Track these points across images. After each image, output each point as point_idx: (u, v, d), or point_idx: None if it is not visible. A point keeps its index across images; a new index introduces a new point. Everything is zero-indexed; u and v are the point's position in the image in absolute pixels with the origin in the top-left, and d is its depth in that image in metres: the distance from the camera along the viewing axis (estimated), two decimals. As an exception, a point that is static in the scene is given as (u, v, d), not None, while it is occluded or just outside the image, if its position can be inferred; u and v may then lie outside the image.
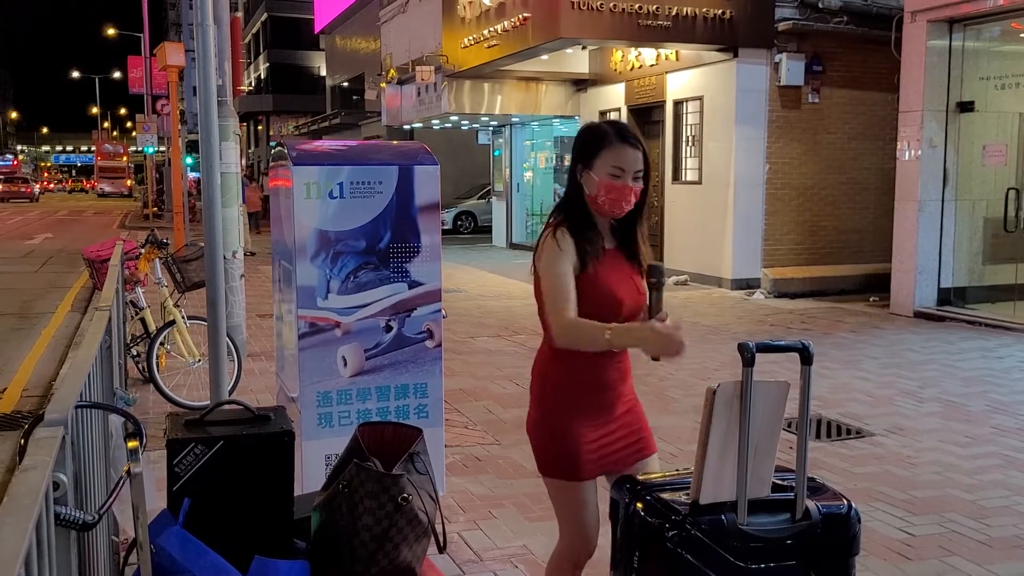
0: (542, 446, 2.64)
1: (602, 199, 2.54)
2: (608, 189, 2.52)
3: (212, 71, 4.39)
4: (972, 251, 10.73)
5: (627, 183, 2.52)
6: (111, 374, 3.82)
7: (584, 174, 2.58)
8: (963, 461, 5.18)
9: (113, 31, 43.07)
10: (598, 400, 2.61)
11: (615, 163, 2.51)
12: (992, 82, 10.49)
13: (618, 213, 2.58)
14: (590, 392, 2.60)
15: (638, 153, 2.54)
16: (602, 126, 2.60)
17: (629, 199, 2.55)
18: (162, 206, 31.26)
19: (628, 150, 2.52)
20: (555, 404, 2.61)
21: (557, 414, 2.60)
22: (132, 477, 2.03)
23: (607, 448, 2.62)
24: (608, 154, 2.52)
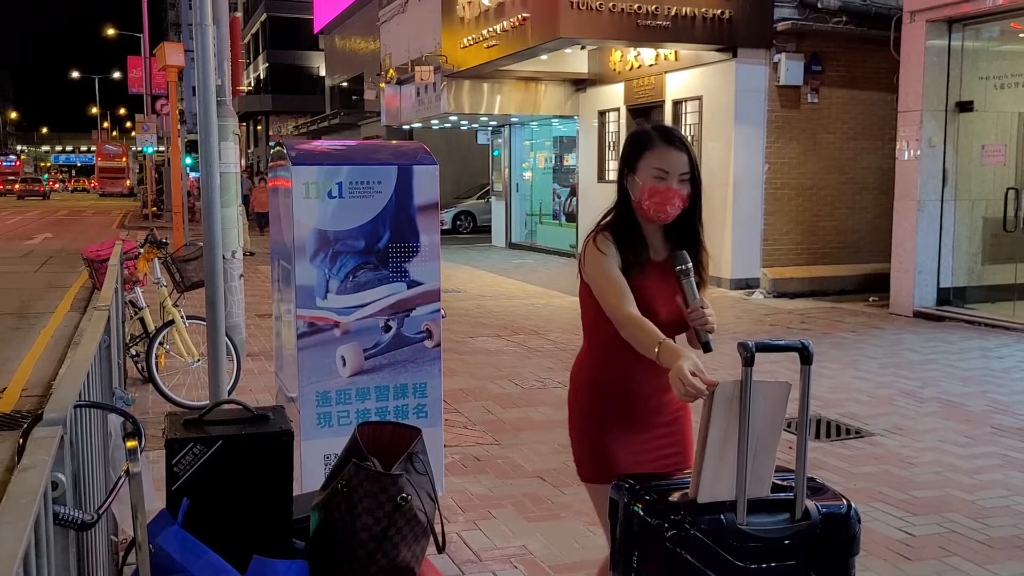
0: (578, 450, 2.64)
1: (646, 203, 2.48)
2: (652, 193, 2.47)
3: (211, 71, 4.39)
4: (971, 251, 10.73)
5: (671, 185, 2.46)
6: (110, 374, 3.82)
7: (629, 179, 2.53)
8: (963, 461, 5.18)
9: (113, 31, 43.06)
10: (633, 409, 2.58)
11: (658, 165, 2.46)
12: (991, 82, 10.49)
13: (664, 218, 2.51)
14: (624, 400, 2.58)
15: (683, 155, 2.48)
16: (646, 129, 2.56)
17: (674, 202, 2.49)
18: (161, 206, 31.26)
19: (672, 152, 2.47)
20: (590, 409, 2.61)
21: (591, 419, 2.60)
22: (131, 477, 2.03)
23: (645, 455, 2.58)
24: (651, 156, 2.47)
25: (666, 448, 2.64)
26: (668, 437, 2.64)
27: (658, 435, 2.63)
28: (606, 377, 2.58)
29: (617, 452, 2.56)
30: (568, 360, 8.42)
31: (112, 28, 43.21)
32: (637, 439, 2.59)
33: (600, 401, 2.59)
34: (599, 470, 2.57)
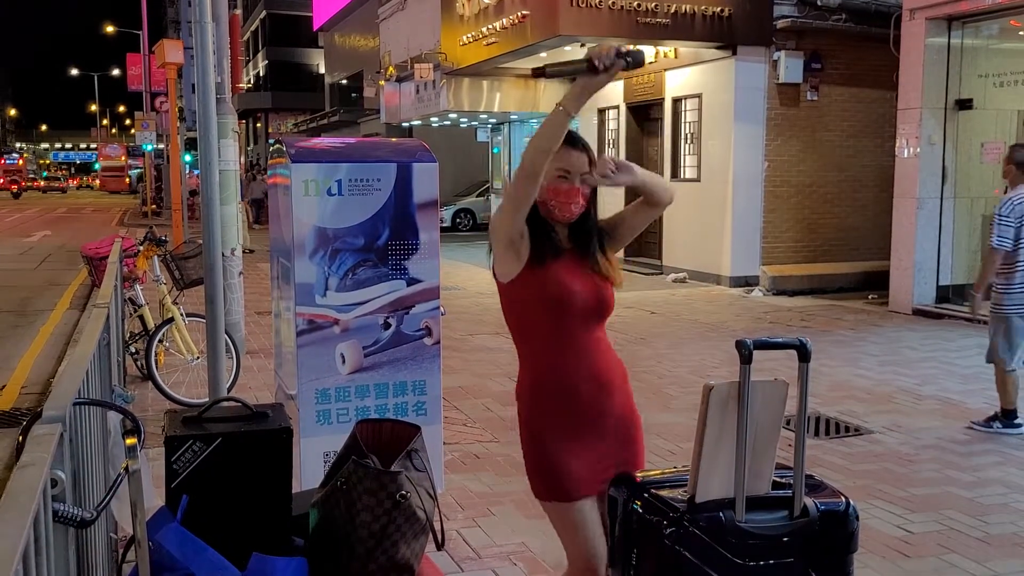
0: (531, 470, 2.58)
1: (552, 203, 2.51)
2: (555, 192, 2.50)
3: (211, 68, 4.39)
4: (971, 248, 10.73)
5: (574, 184, 2.51)
6: (110, 371, 3.82)
7: None
8: (961, 459, 5.18)
9: (112, 28, 43.01)
10: (579, 419, 2.53)
11: (560, 165, 2.49)
12: (990, 79, 10.48)
13: (568, 216, 2.54)
14: (568, 413, 2.52)
15: (583, 155, 2.53)
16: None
17: (578, 200, 2.53)
18: (161, 203, 31.24)
19: (573, 152, 2.51)
20: (537, 428, 2.54)
21: (539, 437, 2.54)
22: (130, 474, 2.03)
23: (599, 465, 2.53)
24: (554, 158, 2.47)
25: (622, 454, 2.57)
26: (620, 442, 2.58)
27: (613, 440, 2.56)
28: (543, 382, 2.54)
29: (568, 465, 2.49)
30: (567, 358, 8.35)
31: (111, 25, 43.16)
32: (594, 449, 2.53)
33: (542, 407, 2.54)
34: (554, 487, 2.51)
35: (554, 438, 2.50)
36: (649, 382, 6.95)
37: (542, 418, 2.53)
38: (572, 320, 2.50)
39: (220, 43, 7.45)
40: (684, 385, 6.86)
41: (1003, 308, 5.71)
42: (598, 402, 2.54)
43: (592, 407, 2.53)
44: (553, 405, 2.52)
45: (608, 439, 2.55)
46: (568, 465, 2.48)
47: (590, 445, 2.52)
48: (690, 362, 7.73)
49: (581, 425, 2.52)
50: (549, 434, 2.51)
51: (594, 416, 2.53)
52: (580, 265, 2.57)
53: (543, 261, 2.49)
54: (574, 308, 2.50)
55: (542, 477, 2.53)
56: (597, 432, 2.53)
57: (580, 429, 2.52)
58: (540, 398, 2.54)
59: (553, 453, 2.49)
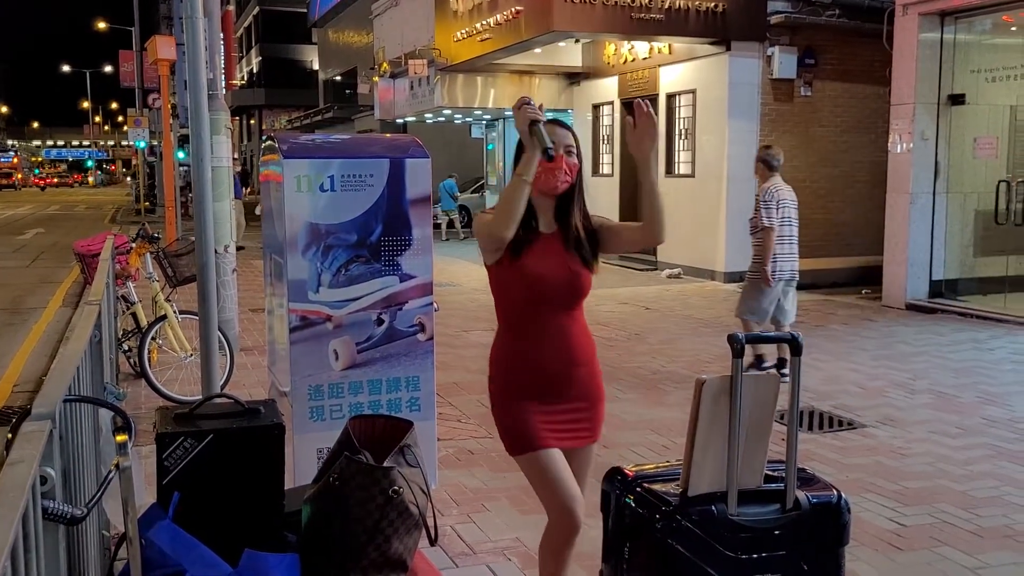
0: (502, 427, 2.77)
1: (539, 172, 2.64)
2: (542, 163, 2.62)
3: (202, 64, 4.37)
4: (963, 243, 10.76)
5: (559, 153, 2.65)
6: (101, 369, 3.81)
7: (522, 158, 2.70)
8: (954, 452, 5.20)
9: (104, 25, 42.85)
10: (541, 382, 2.71)
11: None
12: (983, 75, 10.51)
13: (553, 186, 2.68)
14: (532, 378, 2.71)
15: (566, 131, 2.72)
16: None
17: (563, 169, 2.67)
18: (154, 200, 31.16)
19: (557, 127, 2.69)
20: (503, 384, 2.76)
21: (505, 393, 2.75)
22: (121, 471, 2.03)
23: (558, 425, 2.71)
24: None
25: (580, 422, 2.76)
26: (579, 411, 2.76)
27: (573, 407, 2.74)
28: (513, 352, 2.74)
29: (530, 419, 2.68)
30: (561, 353, 8.34)
31: (103, 22, 43.00)
32: (552, 408, 2.71)
33: (510, 376, 2.74)
34: (523, 439, 2.69)
35: (519, 398, 2.71)
36: (644, 377, 6.96)
37: (510, 384, 2.75)
38: (544, 304, 2.69)
39: (212, 39, 7.43)
40: (678, 380, 6.86)
41: (756, 275, 6.85)
42: (563, 376, 2.73)
43: (556, 380, 2.72)
44: (520, 374, 2.73)
45: (569, 407, 2.74)
46: (530, 419, 2.68)
47: (551, 407, 2.71)
48: (684, 357, 7.73)
49: (545, 394, 2.71)
50: (515, 395, 2.72)
51: (558, 387, 2.72)
52: (559, 248, 2.73)
53: (519, 253, 2.67)
54: (546, 294, 2.68)
55: (509, 433, 2.74)
56: (558, 398, 2.72)
57: (543, 395, 2.71)
58: (509, 367, 2.76)
59: (517, 411, 2.70)
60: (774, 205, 6.80)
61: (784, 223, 6.85)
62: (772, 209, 6.79)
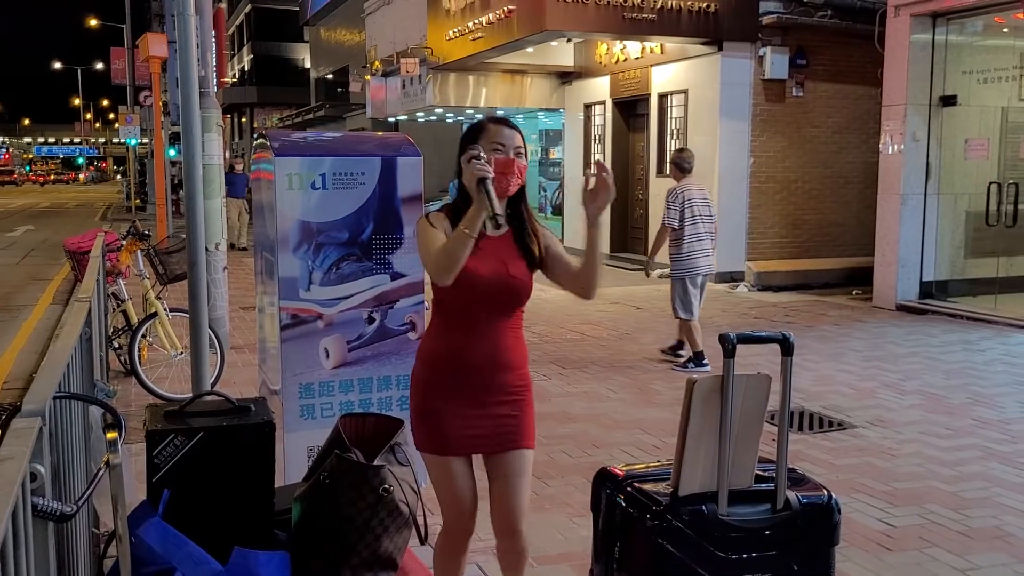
0: (415, 422, 2.70)
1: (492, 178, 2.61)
2: (494, 164, 2.58)
3: (194, 62, 4.36)
4: (954, 245, 10.80)
5: (509, 156, 2.63)
6: (91, 366, 3.80)
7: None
8: (944, 453, 5.22)
9: (96, 22, 42.67)
10: (464, 383, 2.64)
11: (495, 140, 2.64)
12: (975, 76, 10.54)
13: (506, 187, 2.63)
14: (451, 370, 2.64)
15: (514, 132, 2.68)
16: (477, 120, 2.77)
17: (514, 171, 2.64)
18: (145, 198, 31.05)
19: (504, 129, 2.67)
20: (424, 381, 2.68)
21: (426, 391, 2.67)
22: (111, 468, 2.02)
23: (477, 430, 2.64)
24: (486, 136, 2.66)
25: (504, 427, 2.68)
26: (504, 417, 2.67)
27: (498, 413, 2.67)
28: (441, 352, 2.67)
29: (446, 424, 2.62)
30: (553, 352, 8.39)
31: (95, 19, 42.82)
32: (473, 413, 2.63)
33: (433, 371, 2.67)
34: (434, 440, 2.63)
35: (439, 398, 2.64)
36: (635, 377, 6.96)
37: (433, 380, 2.66)
38: (477, 305, 2.62)
39: (204, 37, 7.40)
40: (669, 380, 6.87)
41: (676, 272, 7.31)
42: (488, 381, 2.65)
43: (480, 384, 2.64)
44: (444, 373, 2.65)
45: (490, 414, 2.65)
46: (445, 424, 2.62)
47: (469, 414, 2.63)
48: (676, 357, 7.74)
49: (466, 396, 2.64)
50: (436, 394, 2.64)
51: (481, 392, 2.64)
52: (504, 250, 2.68)
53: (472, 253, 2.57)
54: (481, 295, 2.60)
55: (423, 430, 2.66)
56: (479, 405, 2.64)
57: (464, 399, 2.64)
58: (435, 364, 2.67)
59: (435, 411, 2.63)
60: (677, 205, 7.24)
61: (693, 221, 7.25)
62: (675, 209, 7.24)
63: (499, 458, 2.69)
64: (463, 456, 2.66)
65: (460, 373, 2.63)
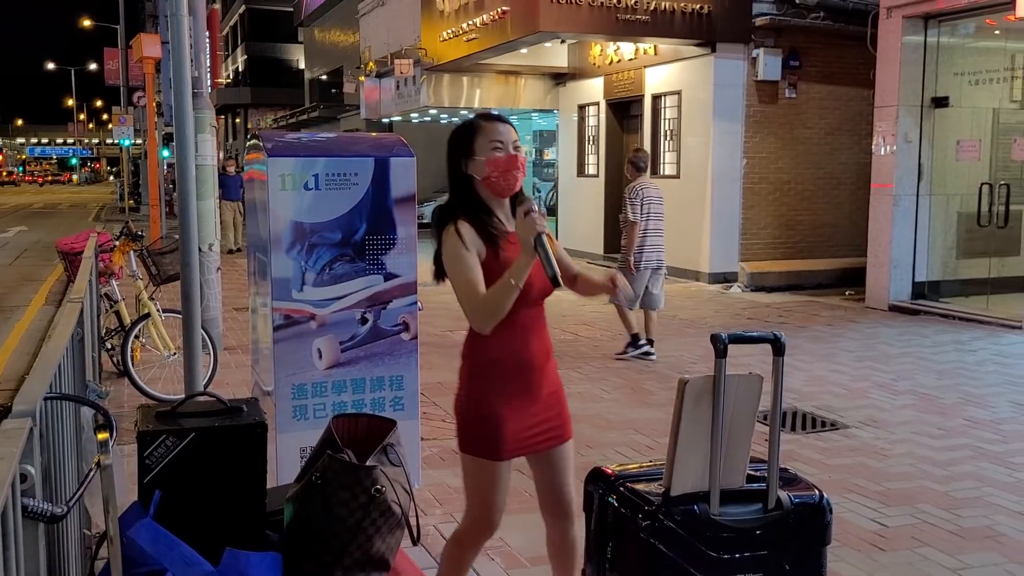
0: (467, 425, 2.68)
1: (495, 175, 2.60)
2: (496, 164, 2.59)
3: (187, 62, 4.35)
4: (946, 245, 10.83)
5: (510, 152, 2.60)
6: (83, 367, 3.79)
7: (469, 164, 2.65)
8: (936, 453, 5.23)
9: (89, 22, 42.57)
10: (521, 380, 2.65)
11: (493, 138, 2.60)
12: (966, 78, 10.58)
13: (512, 184, 2.63)
14: (513, 372, 2.64)
15: (508, 127, 2.64)
16: (467, 120, 2.72)
17: (518, 167, 2.62)
18: (139, 199, 30.98)
19: (499, 125, 2.63)
20: (480, 385, 2.65)
21: (482, 395, 2.65)
22: (102, 469, 2.02)
23: (529, 431, 2.67)
24: (482, 135, 2.62)
25: (551, 420, 2.72)
26: (551, 409, 2.72)
27: (545, 405, 2.70)
28: (494, 350, 2.63)
29: (507, 426, 2.61)
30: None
31: (88, 19, 42.72)
32: (528, 412, 2.65)
33: (490, 376, 2.65)
34: (487, 445, 2.63)
35: (496, 402, 2.62)
36: (628, 377, 6.97)
37: (489, 383, 2.64)
38: (525, 303, 2.60)
39: (197, 37, 7.39)
40: (662, 380, 6.88)
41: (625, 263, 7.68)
42: (539, 373, 2.68)
43: (534, 378, 2.67)
44: (501, 377, 2.63)
45: (541, 406, 2.69)
46: (503, 428, 2.61)
47: (525, 410, 2.65)
48: (669, 358, 7.75)
49: (522, 393, 2.65)
50: (492, 397, 2.62)
51: (534, 386, 2.67)
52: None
53: (496, 251, 2.60)
54: (529, 292, 2.58)
55: (476, 434, 2.64)
56: (532, 398, 2.67)
57: (520, 396, 2.65)
58: (490, 366, 2.64)
59: (493, 415, 2.61)
60: (639, 201, 7.61)
61: (648, 217, 7.68)
62: (636, 205, 7.60)
63: (549, 454, 2.74)
64: (509, 461, 2.69)
65: (521, 370, 2.65)
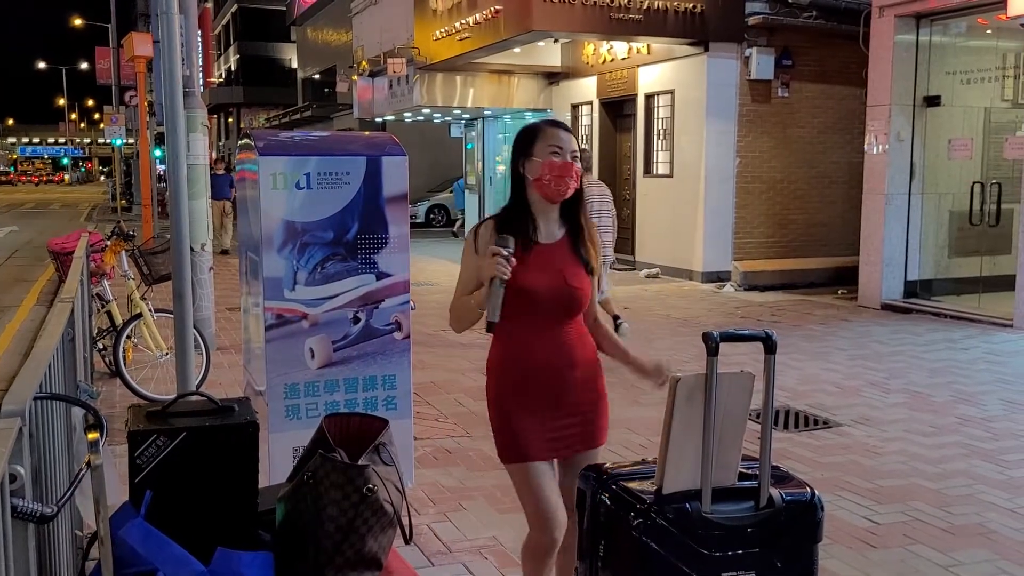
0: (496, 432, 2.76)
1: (547, 178, 2.65)
2: (551, 167, 2.63)
3: (178, 61, 4.34)
4: (938, 244, 10.87)
5: (567, 159, 2.65)
6: (75, 367, 3.78)
7: (526, 164, 2.70)
8: (928, 451, 5.25)
9: (80, 21, 42.43)
10: (539, 383, 2.68)
11: (552, 143, 2.66)
12: (958, 77, 10.61)
13: (563, 190, 2.66)
14: (521, 380, 2.69)
15: (571, 136, 2.71)
16: (534, 122, 2.79)
17: (572, 174, 2.66)
18: (131, 198, 30.90)
19: (561, 132, 2.70)
20: (498, 389, 2.74)
21: (501, 399, 2.73)
22: (93, 469, 2.01)
23: (555, 433, 2.69)
24: (543, 138, 2.68)
25: (581, 426, 2.74)
26: (582, 416, 2.74)
27: (573, 412, 2.72)
28: (507, 361, 2.73)
29: (525, 427, 2.67)
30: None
31: (80, 18, 42.58)
32: (550, 415, 2.69)
33: (505, 379, 2.73)
34: (514, 449, 2.69)
35: (511, 407, 2.71)
36: (621, 376, 6.95)
37: (503, 389, 2.73)
38: (536, 315, 2.67)
39: (188, 36, 7.37)
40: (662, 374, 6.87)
41: None
42: (556, 383, 2.70)
43: (550, 387, 2.69)
44: (513, 381, 2.71)
45: (564, 414, 2.71)
46: (521, 430, 2.68)
47: (544, 416, 2.69)
48: (662, 356, 7.73)
49: (538, 399, 2.70)
50: (508, 403, 2.72)
51: (551, 394, 2.70)
52: (561, 258, 2.70)
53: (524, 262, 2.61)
54: (540, 307, 2.66)
55: (502, 440, 2.74)
56: (552, 406, 2.70)
57: (536, 403, 2.70)
58: (503, 373, 2.74)
59: (510, 420, 2.70)
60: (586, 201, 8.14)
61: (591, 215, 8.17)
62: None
63: (573, 459, 2.74)
64: (544, 460, 2.69)
65: (528, 381, 2.68)
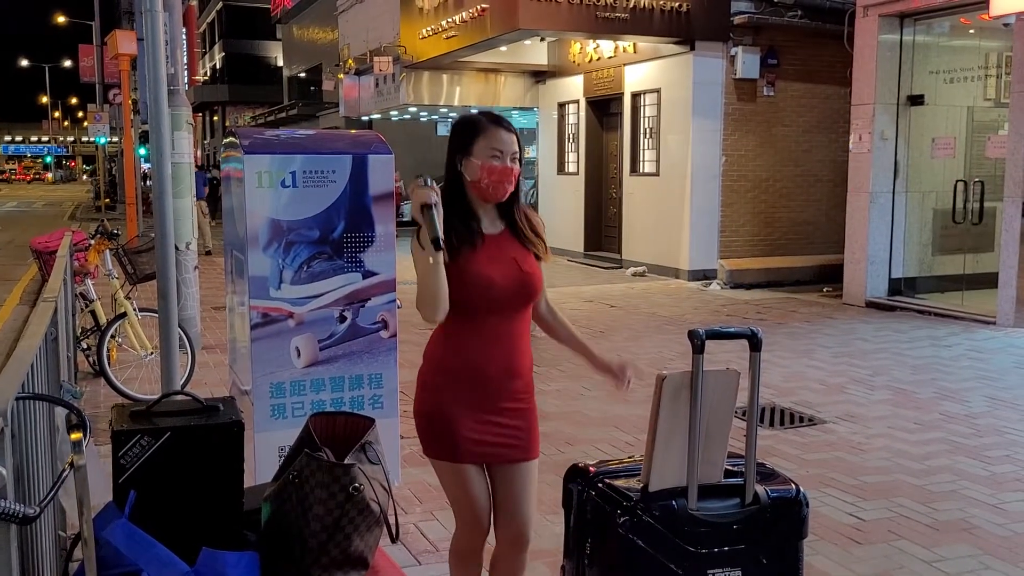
0: (423, 427, 2.68)
1: (485, 182, 2.58)
2: (490, 171, 2.57)
3: (162, 59, 4.31)
4: (922, 242, 10.93)
5: (507, 164, 2.59)
6: (58, 367, 3.75)
7: (464, 162, 2.62)
8: (912, 447, 5.28)
9: (63, 19, 42.13)
10: (477, 388, 2.62)
11: (493, 146, 2.58)
12: (941, 76, 10.68)
13: (500, 195, 2.62)
14: (467, 382, 2.62)
15: (512, 136, 2.63)
16: (474, 116, 2.69)
17: (511, 179, 2.61)
18: (115, 197, 30.72)
19: (503, 133, 2.61)
20: (435, 386, 2.65)
21: (436, 395, 2.64)
22: (76, 469, 1.99)
23: (487, 438, 2.63)
24: (484, 139, 2.59)
25: (513, 437, 2.67)
26: (514, 427, 2.67)
27: (507, 421, 2.66)
28: (453, 359, 2.64)
29: (460, 432, 2.61)
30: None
31: (63, 15, 42.27)
32: (484, 420, 2.63)
33: (445, 378, 2.64)
34: (444, 447, 2.64)
35: (452, 405, 2.62)
36: (607, 375, 6.98)
37: (445, 387, 2.63)
38: (494, 309, 2.59)
39: (173, 33, 7.33)
40: (642, 377, 6.88)
41: None
42: (502, 387, 2.64)
43: (495, 391, 2.63)
44: (457, 380, 2.63)
45: (505, 421, 2.65)
46: (455, 431, 2.61)
47: (485, 420, 2.63)
48: (648, 355, 7.78)
49: (482, 402, 2.62)
50: (448, 401, 2.62)
51: (495, 399, 2.64)
52: (510, 247, 2.65)
53: (455, 257, 2.54)
54: (495, 300, 2.58)
55: (431, 435, 2.66)
56: (495, 412, 2.64)
57: (480, 405, 2.62)
58: (447, 371, 2.64)
59: (444, 417, 2.62)
60: None
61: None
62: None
63: (508, 469, 2.69)
64: (472, 465, 2.66)
65: (475, 381, 2.61)
